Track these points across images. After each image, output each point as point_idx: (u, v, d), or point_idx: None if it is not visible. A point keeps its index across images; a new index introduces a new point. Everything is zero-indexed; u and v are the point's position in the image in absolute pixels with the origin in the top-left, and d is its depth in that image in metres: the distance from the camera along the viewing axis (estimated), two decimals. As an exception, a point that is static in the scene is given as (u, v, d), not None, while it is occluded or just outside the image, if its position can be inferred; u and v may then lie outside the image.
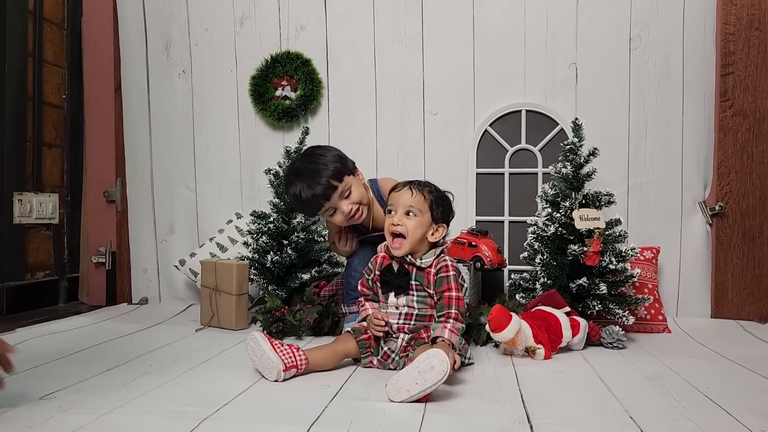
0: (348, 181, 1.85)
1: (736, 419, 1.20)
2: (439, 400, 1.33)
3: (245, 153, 2.62)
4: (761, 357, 1.74)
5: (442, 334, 1.47)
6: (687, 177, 2.37)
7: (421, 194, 1.57)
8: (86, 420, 1.16)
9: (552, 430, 1.11)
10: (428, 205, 1.57)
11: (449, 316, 1.51)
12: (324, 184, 1.80)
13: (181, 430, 1.11)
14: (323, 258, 2.26)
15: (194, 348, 1.84)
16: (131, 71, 2.67)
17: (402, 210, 1.56)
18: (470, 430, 1.14)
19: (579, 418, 1.22)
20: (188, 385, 1.42)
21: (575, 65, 2.41)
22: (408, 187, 1.59)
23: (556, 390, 1.40)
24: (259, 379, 1.47)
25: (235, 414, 1.22)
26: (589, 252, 1.91)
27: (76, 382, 1.43)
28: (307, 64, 2.52)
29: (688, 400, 1.33)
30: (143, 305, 2.62)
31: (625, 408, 1.27)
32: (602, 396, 1.37)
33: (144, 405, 1.27)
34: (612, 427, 1.16)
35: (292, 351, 1.48)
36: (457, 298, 1.53)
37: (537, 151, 2.40)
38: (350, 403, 1.30)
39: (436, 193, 1.61)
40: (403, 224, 1.54)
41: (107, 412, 1.20)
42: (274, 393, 1.38)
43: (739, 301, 2.34)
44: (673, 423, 1.18)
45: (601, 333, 1.89)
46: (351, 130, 2.53)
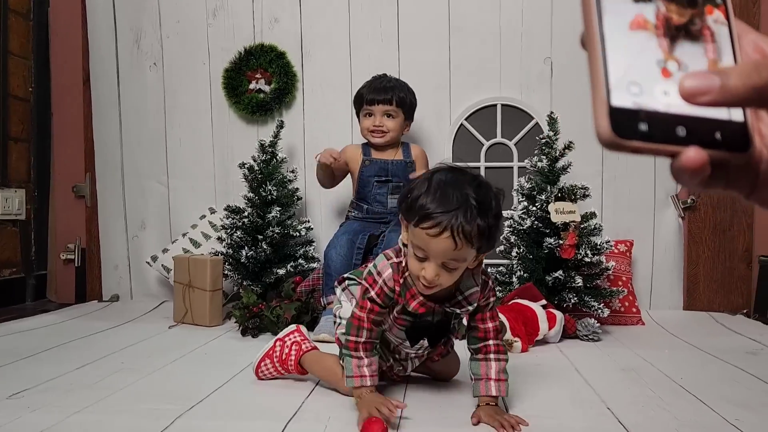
0: (400, 114, 2.17)
1: (711, 409, 1.22)
2: (417, 391, 1.32)
3: (219, 147, 2.57)
4: (733, 348, 1.77)
5: (488, 391, 1.17)
6: (660, 170, 2.40)
7: (468, 243, 1.06)
8: (55, 419, 1.12)
9: (531, 423, 1.11)
10: (476, 249, 1.09)
11: (488, 351, 1.20)
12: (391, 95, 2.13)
13: (155, 428, 1.08)
14: (299, 253, 2.24)
15: (167, 345, 1.80)
16: (100, 63, 2.61)
17: (438, 261, 1.08)
18: (449, 423, 1.13)
19: (557, 410, 1.22)
20: (161, 383, 1.39)
21: (550, 59, 2.42)
22: (449, 234, 1.04)
23: (534, 383, 1.40)
24: (234, 376, 1.45)
25: (210, 411, 1.19)
26: (565, 245, 1.92)
27: (45, 380, 1.38)
28: (282, 57, 2.48)
29: (663, 391, 1.34)
30: (114, 302, 2.57)
31: (603, 399, 1.28)
32: (580, 388, 1.38)
33: (115, 404, 1.23)
34: (590, 418, 1.17)
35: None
36: (495, 329, 1.22)
37: (512, 145, 2.40)
38: (327, 398, 1.28)
39: (491, 220, 1.08)
40: (437, 278, 1.09)
41: (77, 411, 1.17)
42: (250, 389, 1.35)
43: (711, 293, 2.38)
44: (649, 413, 1.19)
45: (577, 326, 1.90)
46: (327, 125, 2.51)
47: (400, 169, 2.18)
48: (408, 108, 2.19)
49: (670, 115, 0.36)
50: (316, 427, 1.09)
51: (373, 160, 2.19)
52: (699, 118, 0.36)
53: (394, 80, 2.21)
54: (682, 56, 0.37)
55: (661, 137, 0.36)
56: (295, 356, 1.39)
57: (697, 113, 0.36)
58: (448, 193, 1.06)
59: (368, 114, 2.17)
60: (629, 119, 0.35)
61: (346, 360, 1.19)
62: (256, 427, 1.09)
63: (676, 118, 0.36)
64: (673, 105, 0.36)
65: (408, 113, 2.20)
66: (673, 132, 0.36)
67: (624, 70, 0.36)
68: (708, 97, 0.35)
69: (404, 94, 2.17)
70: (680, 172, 0.36)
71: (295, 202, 2.29)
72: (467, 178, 1.11)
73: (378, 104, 2.15)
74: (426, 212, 1.06)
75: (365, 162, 2.20)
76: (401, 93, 2.16)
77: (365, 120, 2.18)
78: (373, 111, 2.16)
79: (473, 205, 1.06)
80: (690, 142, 0.36)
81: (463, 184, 1.08)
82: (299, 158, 2.51)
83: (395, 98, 2.15)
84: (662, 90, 0.36)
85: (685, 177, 0.36)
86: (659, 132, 0.36)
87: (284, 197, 2.24)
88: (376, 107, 2.15)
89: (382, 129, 2.15)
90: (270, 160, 2.26)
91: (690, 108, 0.36)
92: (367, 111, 2.17)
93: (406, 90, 2.19)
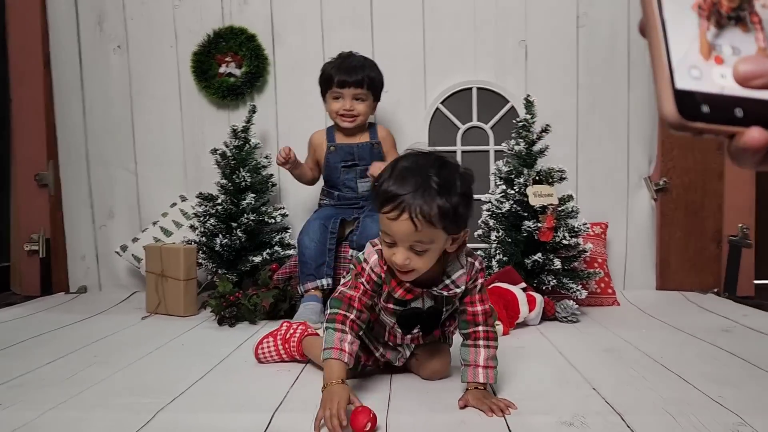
0: (369, 97, 2.10)
1: (694, 386, 1.23)
2: (402, 379, 1.30)
3: (188, 133, 2.50)
4: (708, 326, 1.80)
5: (475, 377, 1.16)
6: (633, 153, 2.42)
7: (428, 223, 1.04)
8: (29, 417, 1.07)
9: (519, 406, 1.11)
10: (442, 228, 1.07)
11: (476, 337, 1.19)
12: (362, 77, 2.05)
13: (135, 423, 1.04)
14: (274, 240, 2.20)
15: (141, 337, 1.75)
16: (61, 46, 2.50)
17: (405, 245, 1.08)
18: (437, 409, 1.12)
19: (544, 392, 1.22)
20: (138, 376, 1.35)
21: (525, 42, 2.41)
22: (407, 216, 1.04)
23: (518, 365, 1.40)
24: (214, 367, 1.41)
25: (193, 403, 1.16)
26: (543, 228, 1.92)
27: (16, 376, 1.33)
28: (252, 39, 2.42)
29: (646, 370, 1.35)
30: (82, 294, 2.49)
31: (588, 380, 1.28)
32: (563, 369, 1.38)
33: (92, 398, 1.19)
34: (577, 399, 1.17)
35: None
36: (483, 312, 1.20)
37: (488, 128, 2.39)
38: (313, 386, 1.25)
39: (453, 197, 1.06)
40: (409, 262, 1.09)
41: (52, 408, 1.12)
42: (232, 380, 1.32)
43: (682, 273, 2.42)
44: (635, 393, 1.20)
45: (556, 308, 1.91)
46: (300, 109, 2.45)
47: (366, 151, 2.13)
48: (377, 89, 2.13)
49: (728, 97, 0.39)
50: (304, 417, 1.06)
51: (338, 146, 2.13)
52: (754, 99, 0.39)
53: (362, 59, 2.12)
54: (733, 41, 0.40)
55: (722, 118, 0.38)
56: (299, 336, 1.40)
57: (753, 95, 0.39)
58: (407, 177, 1.06)
59: (337, 97, 2.09)
60: (692, 101, 0.38)
61: (327, 332, 1.14)
62: (242, 419, 1.06)
63: (734, 100, 0.38)
64: (730, 88, 0.39)
65: (377, 95, 2.14)
66: (732, 113, 0.38)
67: (684, 55, 0.39)
68: (762, 80, 0.38)
69: (374, 75, 2.10)
70: (740, 152, 0.38)
71: (269, 189, 2.24)
72: (430, 161, 1.10)
73: (348, 87, 2.06)
74: (385, 197, 1.06)
75: (330, 148, 2.14)
76: (371, 73, 2.08)
77: (334, 102, 2.10)
78: (343, 94, 2.07)
79: (432, 186, 1.05)
80: (748, 123, 0.38)
81: (425, 166, 1.08)
82: (272, 144, 2.45)
83: (366, 80, 2.06)
84: (719, 73, 0.39)
85: (746, 156, 0.38)
86: (719, 113, 0.38)
87: (258, 183, 2.20)
88: (346, 90, 2.06)
89: (353, 113, 2.08)
90: (243, 145, 2.21)
91: (745, 91, 0.39)
92: (336, 93, 2.08)
93: (375, 70, 2.11)
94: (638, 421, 1.03)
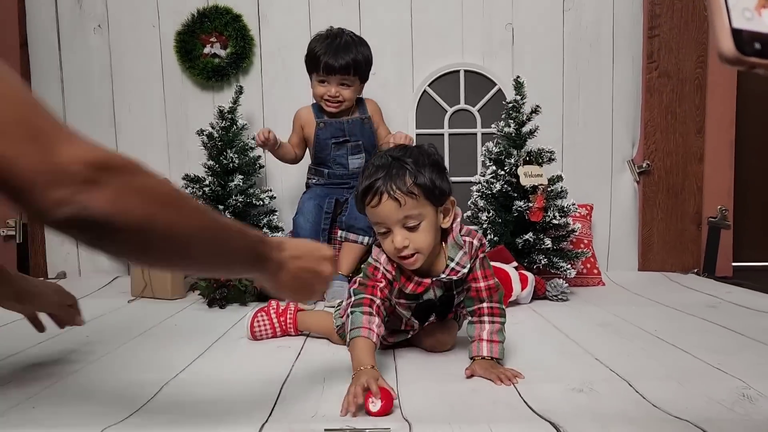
0: (356, 81, 2.05)
1: (693, 355, 1.25)
2: (405, 353, 1.30)
3: (172, 114, 2.45)
4: (693, 303, 1.84)
5: (479, 351, 1.16)
6: (617, 136, 2.46)
7: (409, 195, 1.09)
8: (30, 392, 1.04)
9: (526, 375, 1.11)
10: (424, 197, 1.11)
11: (481, 313, 1.20)
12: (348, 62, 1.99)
13: (142, 397, 1.02)
14: (263, 222, 2.17)
15: (131, 318, 1.72)
16: (38, 26, 2.42)
17: (398, 226, 1.11)
18: (447, 379, 1.12)
19: (547, 363, 1.23)
20: (135, 355, 1.33)
21: (511, 25, 2.42)
22: (387, 196, 1.09)
23: (517, 341, 1.39)
24: (213, 344, 1.39)
25: (197, 378, 1.14)
26: (534, 208, 1.94)
27: (6, 356, 1.29)
28: (238, 19, 2.38)
29: (644, 342, 1.38)
30: (61, 279, 2.42)
31: (588, 351, 1.30)
32: (563, 342, 1.40)
33: (92, 375, 1.16)
34: (582, 368, 1.18)
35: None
36: (487, 288, 1.20)
37: (476, 111, 2.40)
38: (317, 360, 1.25)
39: (422, 167, 1.11)
40: (409, 242, 1.11)
41: (51, 384, 1.09)
42: (233, 356, 1.31)
43: (664, 254, 2.47)
44: (636, 362, 1.22)
45: (546, 286, 1.93)
46: (285, 91, 2.42)
47: (356, 127, 2.11)
48: (365, 72, 2.08)
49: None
50: (313, 388, 1.06)
51: (328, 122, 2.10)
52: None
53: (350, 38, 2.05)
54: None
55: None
56: (294, 308, 1.42)
57: None
58: (377, 168, 1.12)
59: (322, 81, 2.04)
60: (746, 39, 0.43)
61: (354, 315, 1.12)
62: (252, 391, 1.05)
63: None
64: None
65: (365, 76, 2.10)
66: None
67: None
68: None
69: (361, 57, 2.03)
70: None
71: (257, 170, 2.21)
72: (395, 150, 1.16)
73: (335, 74, 2.01)
74: (363, 191, 1.12)
75: (319, 124, 2.11)
76: (359, 56, 2.02)
77: (319, 87, 2.05)
78: (329, 80, 2.03)
79: (401, 165, 1.11)
80: None
81: (390, 155, 1.14)
82: (258, 125, 2.41)
83: (352, 66, 2.01)
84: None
85: None
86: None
87: (246, 165, 2.16)
88: (332, 77, 2.02)
89: (338, 99, 2.06)
90: (230, 126, 2.17)
91: None
92: (321, 78, 2.04)
93: (365, 50, 2.06)
94: (645, 387, 1.04)
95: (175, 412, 0.94)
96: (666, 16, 2.41)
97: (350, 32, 2.09)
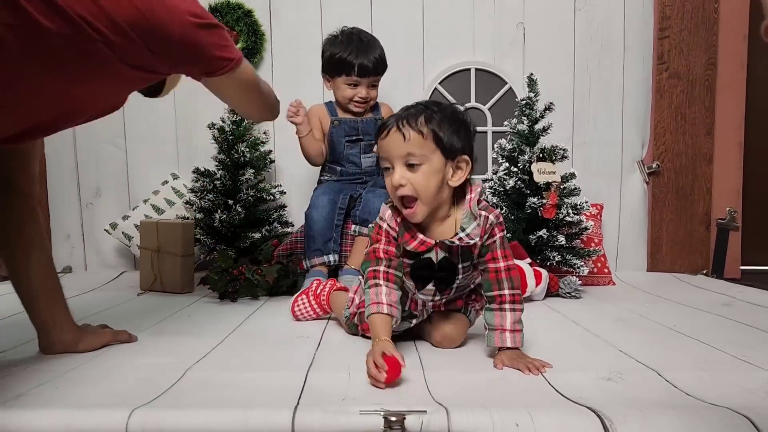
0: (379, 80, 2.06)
1: (715, 348, 1.25)
2: (426, 345, 1.29)
3: (181, 109, 2.44)
4: (707, 301, 1.83)
5: (503, 342, 1.14)
6: (627, 137, 2.46)
7: (416, 131, 1.09)
8: (47, 378, 1.02)
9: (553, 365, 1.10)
10: (432, 139, 1.09)
11: (503, 300, 1.16)
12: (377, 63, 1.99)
13: (166, 381, 1.00)
14: (272, 217, 2.16)
15: (143, 310, 1.70)
16: (48, 17, 2.41)
17: (400, 162, 1.10)
18: (473, 367, 1.11)
19: (572, 354, 1.22)
20: (153, 342, 1.31)
21: (523, 25, 2.42)
22: (395, 128, 1.10)
23: (537, 335, 1.37)
24: (230, 334, 1.38)
25: (220, 364, 1.13)
26: (547, 204, 1.93)
27: (21, 343, 1.27)
28: (249, 15, 2.37)
29: (665, 336, 1.37)
30: (67, 274, 2.40)
31: (611, 344, 1.29)
32: (584, 335, 1.39)
33: (111, 361, 1.14)
34: (607, 359, 1.17)
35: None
36: (507, 269, 1.16)
37: (486, 109, 2.40)
38: (338, 349, 1.24)
39: (440, 114, 1.11)
40: (406, 181, 1.10)
41: (73, 369, 1.07)
42: (253, 344, 1.29)
43: (673, 255, 2.47)
44: (660, 354, 1.21)
45: (560, 283, 1.92)
46: (296, 86, 2.40)
47: (370, 126, 2.09)
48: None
49: None
50: (337, 375, 1.04)
51: (342, 120, 2.09)
52: None
53: (369, 38, 2.04)
54: None
55: None
56: (329, 290, 1.47)
57: None
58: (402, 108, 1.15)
59: (353, 84, 2.01)
60: None
61: (365, 294, 1.14)
62: (277, 377, 1.03)
63: None
64: None
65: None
66: None
67: None
68: None
69: (384, 56, 2.04)
70: None
71: (267, 165, 2.20)
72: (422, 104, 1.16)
73: (369, 76, 1.99)
74: (380, 126, 1.15)
75: (334, 122, 2.09)
76: (383, 54, 2.03)
77: (347, 89, 2.01)
78: (361, 82, 2.00)
79: (421, 106, 1.13)
80: None
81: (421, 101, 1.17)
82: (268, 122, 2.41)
83: (381, 66, 2.02)
84: None
85: None
86: None
87: (257, 159, 2.15)
88: (364, 79, 1.99)
89: (367, 100, 2.04)
90: (241, 121, 2.16)
91: None
92: (353, 81, 1.99)
93: (382, 49, 2.06)
94: (674, 377, 1.03)
95: (203, 396, 0.93)
96: (676, 17, 2.41)
97: (364, 31, 2.08)
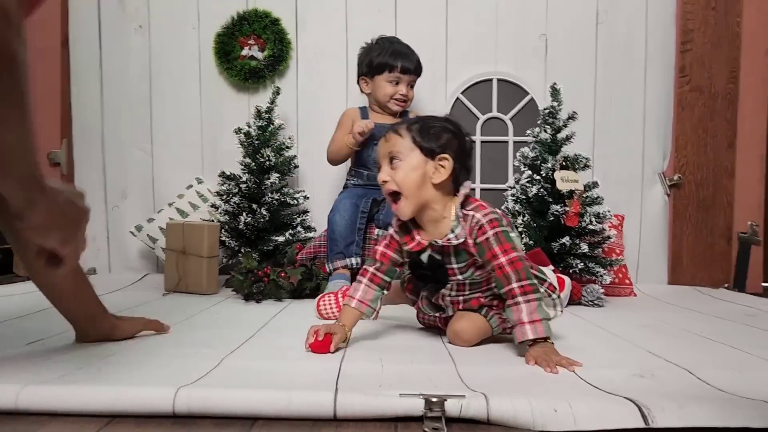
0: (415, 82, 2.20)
1: (743, 351, 1.25)
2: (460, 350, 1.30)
3: (207, 115, 2.48)
4: (732, 311, 1.82)
5: (524, 335, 1.13)
6: (648, 149, 2.47)
7: (396, 134, 1.24)
8: (80, 364, 1.04)
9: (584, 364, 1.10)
10: (410, 139, 1.22)
11: (513, 294, 1.16)
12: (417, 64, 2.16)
13: (202, 368, 1.01)
14: (296, 221, 2.18)
15: (169, 308, 1.72)
16: (81, 25, 2.47)
17: (385, 162, 1.24)
18: (505, 361, 1.12)
19: (601, 355, 1.22)
20: (186, 335, 1.32)
21: (545, 36, 2.45)
22: (384, 135, 1.27)
23: (564, 338, 1.38)
24: (260, 330, 1.39)
25: (255, 353, 1.15)
26: (570, 213, 1.94)
27: (56, 333, 1.29)
28: (276, 23, 2.42)
29: (693, 341, 1.37)
30: (92, 275, 2.43)
31: (640, 346, 1.29)
32: (611, 339, 1.39)
33: (147, 350, 1.16)
34: (637, 359, 1.17)
35: None
36: (510, 262, 1.17)
37: (508, 119, 2.42)
38: (367, 342, 1.25)
39: (424, 121, 1.26)
40: (389, 178, 1.22)
41: (110, 355, 1.09)
42: (282, 339, 1.30)
43: (693, 268, 2.46)
44: (691, 355, 1.21)
45: (582, 291, 1.92)
46: (320, 95, 2.46)
47: None
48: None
49: None
50: (370, 366, 1.05)
51: (375, 124, 2.14)
52: None
53: (406, 44, 2.19)
54: None
55: None
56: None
57: None
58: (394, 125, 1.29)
59: (395, 81, 2.14)
60: None
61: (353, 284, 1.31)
62: (313, 366, 1.05)
63: None
64: None
65: None
66: None
67: None
68: None
69: (420, 61, 2.18)
70: None
71: (292, 170, 2.23)
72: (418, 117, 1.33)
73: (409, 74, 2.14)
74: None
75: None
76: (419, 59, 2.17)
77: (388, 86, 2.14)
78: (402, 79, 2.14)
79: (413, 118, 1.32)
80: None
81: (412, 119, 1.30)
82: (292, 127, 2.45)
83: (419, 68, 2.17)
84: None
85: None
86: None
87: (281, 164, 2.18)
88: (406, 76, 2.14)
89: (406, 98, 2.16)
90: (267, 126, 2.20)
91: None
92: (395, 78, 2.13)
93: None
94: (707, 375, 1.03)
95: (243, 379, 0.94)
96: (699, 31, 2.43)
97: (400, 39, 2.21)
